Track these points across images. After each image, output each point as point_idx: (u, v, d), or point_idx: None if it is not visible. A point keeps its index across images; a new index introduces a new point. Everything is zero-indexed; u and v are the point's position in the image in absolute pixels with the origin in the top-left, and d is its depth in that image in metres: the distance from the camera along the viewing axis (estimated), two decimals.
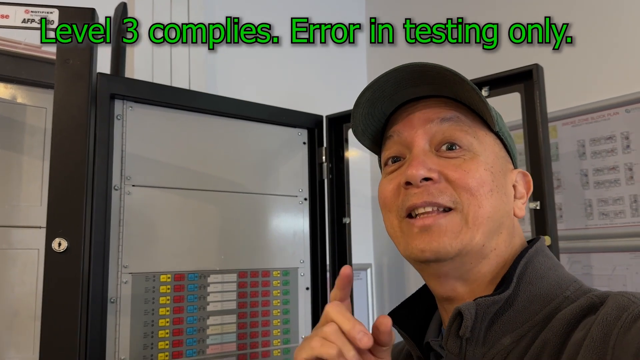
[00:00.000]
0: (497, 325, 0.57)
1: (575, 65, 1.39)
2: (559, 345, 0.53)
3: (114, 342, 1.02)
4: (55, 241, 0.69)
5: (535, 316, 0.56)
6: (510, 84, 1.09)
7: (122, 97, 1.09)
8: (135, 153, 1.09)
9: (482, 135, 0.63)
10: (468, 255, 0.59)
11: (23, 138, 0.98)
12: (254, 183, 1.25)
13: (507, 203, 0.62)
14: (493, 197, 0.60)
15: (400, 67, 0.61)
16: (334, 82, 1.97)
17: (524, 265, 0.59)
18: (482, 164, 0.61)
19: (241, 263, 1.20)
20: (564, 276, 0.61)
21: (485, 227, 0.59)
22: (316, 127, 1.36)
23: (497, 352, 0.56)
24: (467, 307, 0.55)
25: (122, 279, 1.04)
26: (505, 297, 0.56)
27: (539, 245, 0.62)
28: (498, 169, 0.62)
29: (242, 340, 1.18)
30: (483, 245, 0.60)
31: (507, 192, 0.63)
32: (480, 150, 0.62)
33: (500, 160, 0.63)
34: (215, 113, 1.21)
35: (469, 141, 0.61)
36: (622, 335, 0.47)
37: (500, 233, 0.61)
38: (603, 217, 1.30)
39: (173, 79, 1.44)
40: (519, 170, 0.67)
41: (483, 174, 0.60)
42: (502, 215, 0.61)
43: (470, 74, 1.22)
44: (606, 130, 1.30)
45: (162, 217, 1.11)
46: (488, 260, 0.61)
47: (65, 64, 0.73)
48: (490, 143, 0.63)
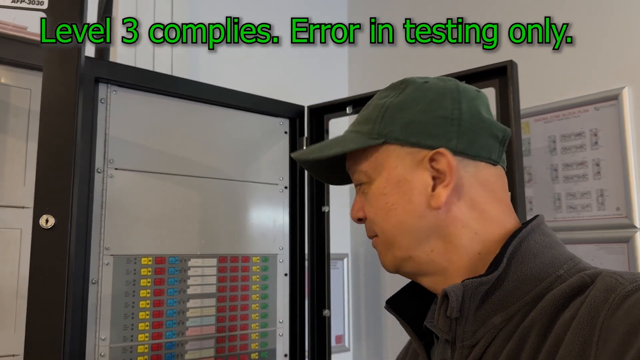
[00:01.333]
0: (487, 304, 0.58)
1: (548, 64, 1.44)
2: (547, 325, 0.53)
3: (94, 322, 1.03)
4: (42, 218, 0.70)
5: (526, 295, 0.57)
6: (486, 79, 1.13)
7: (107, 81, 1.10)
8: (118, 137, 1.10)
9: (373, 159, 0.65)
10: (405, 265, 0.65)
11: (7, 119, 0.98)
12: (236, 170, 1.27)
13: (415, 210, 0.63)
14: (392, 217, 0.64)
15: (297, 160, 0.74)
16: (316, 73, 2.00)
17: (516, 245, 0.58)
18: (376, 190, 0.65)
19: (221, 248, 1.22)
20: (560, 254, 0.59)
21: (400, 243, 0.64)
22: (297, 117, 1.39)
23: (487, 331, 0.57)
24: (453, 289, 0.57)
25: (103, 261, 1.06)
26: (493, 277, 0.57)
27: (535, 223, 0.61)
28: (394, 181, 0.64)
29: (221, 323, 1.20)
30: (410, 256, 0.64)
31: (414, 195, 0.62)
32: (375, 175, 0.66)
33: (397, 170, 0.64)
34: (198, 100, 1.23)
35: (363, 175, 0.67)
36: (609, 318, 0.48)
37: (427, 236, 0.63)
38: (571, 210, 1.35)
39: (155, 64, 1.45)
40: (434, 151, 0.62)
41: (377, 201, 0.65)
42: (415, 223, 0.63)
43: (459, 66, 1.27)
44: (576, 127, 1.36)
45: (144, 200, 1.12)
46: (435, 262, 0.63)
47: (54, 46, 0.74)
48: (383, 157, 0.65)
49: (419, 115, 0.63)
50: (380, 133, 0.64)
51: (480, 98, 0.66)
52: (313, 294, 1.36)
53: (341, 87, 2.09)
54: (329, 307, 1.35)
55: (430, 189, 0.62)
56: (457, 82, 0.67)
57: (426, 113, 0.63)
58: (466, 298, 0.57)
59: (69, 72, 0.75)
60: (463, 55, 1.68)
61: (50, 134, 0.72)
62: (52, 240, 0.70)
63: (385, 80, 1.32)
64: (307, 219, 1.38)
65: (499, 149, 0.64)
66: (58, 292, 0.70)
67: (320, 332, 1.35)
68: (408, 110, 0.64)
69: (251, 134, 1.31)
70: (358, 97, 1.32)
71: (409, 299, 0.71)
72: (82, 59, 0.78)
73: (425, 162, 0.62)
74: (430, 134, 0.62)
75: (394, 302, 0.71)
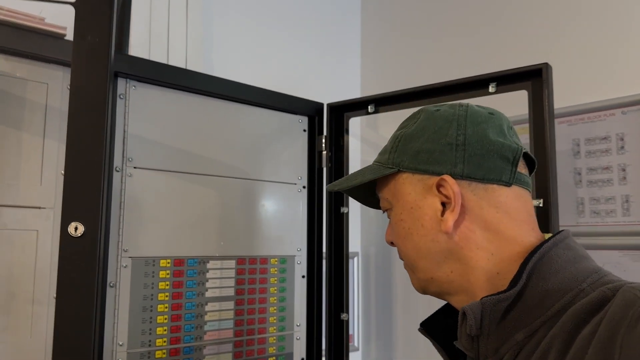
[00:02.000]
0: (508, 321, 0.58)
1: (574, 65, 1.41)
2: (567, 340, 0.52)
3: (112, 327, 1.00)
4: (71, 225, 0.66)
5: (548, 310, 0.56)
6: (518, 82, 1.10)
7: (126, 76, 1.05)
8: (137, 134, 1.06)
9: (392, 186, 0.70)
10: (429, 287, 0.68)
11: (23, 114, 0.94)
12: (254, 169, 1.23)
13: (427, 234, 0.66)
14: (409, 242, 0.68)
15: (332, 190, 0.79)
16: (328, 70, 1.95)
17: (536, 261, 0.58)
18: (395, 216, 0.69)
19: (240, 249, 1.19)
20: (585, 268, 0.58)
21: (420, 267, 0.67)
22: (317, 115, 1.35)
23: (510, 348, 0.57)
24: (471, 307, 0.58)
25: (121, 263, 1.02)
26: (513, 294, 0.57)
27: (558, 238, 0.61)
28: (408, 208, 0.67)
29: (239, 327, 1.17)
30: (432, 277, 0.67)
31: (426, 221, 0.65)
32: (394, 203, 0.70)
33: (411, 196, 0.67)
34: (216, 96, 1.18)
35: (387, 202, 0.71)
36: (629, 334, 0.47)
37: (444, 258, 0.65)
38: (594, 215, 1.33)
39: (170, 59, 1.40)
40: (439, 178, 0.64)
41: (396, 228, 0.69)
42: (429, 247, 0.65)
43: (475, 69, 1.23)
44: (601, 130, 1.33)
45: (163, 200, 1.08)
46: (455, 281, 0.65)
47: (83, 40, 0.70)
48: (399, 186, 0.69)
49: (426, 144, 0.66)
50: (394, 162, 0.68)
51: (490, 121, 0.66)
52: (331, 297, 1.32)
53: (354, 85, 2.05)
54: (347, 310, 1.32)
55: (439, 213, 0.64)
56: (468, 107, 0.68)
57: (433, 141, 0.66)
58: (485, 315, 0.58)
59: (99, 70, 0.70)
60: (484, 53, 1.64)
61: (79, 137, 0.68)
62: (82, 249, 0.66)
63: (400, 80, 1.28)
64: (325, 220, 1.35)
65: (511, 169, 0.64)
66: (87, 305, 0.67)
67: (337, 336, 1.32)
68: (418, 140, 0.67)
69: (269, 132, 1.27)
70: (381, 96, 1.28)
71: (443, 320, 0.73)
72: (112, 55, 0.73)
73: (434, 188, 0.65)
74: (437, 161, 0.65)
75: (428, 325, 0.72)
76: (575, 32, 1.42)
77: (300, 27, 1.88)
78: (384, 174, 0.69)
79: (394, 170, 0.68)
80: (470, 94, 1.17)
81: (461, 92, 1.19)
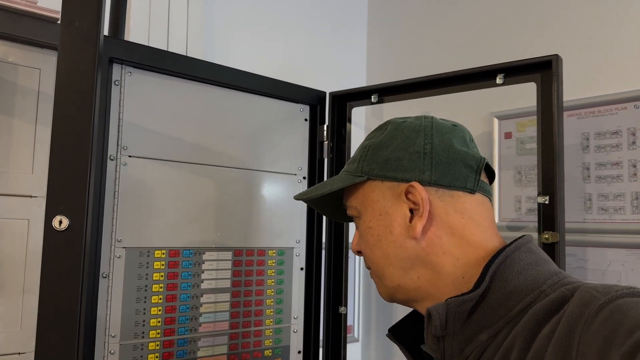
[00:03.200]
0: (473, 322, 0.60)
1: (584, 57, 1.36)
2: (528, 339, 0.54)
3: (104, 318, 0.98)
4: (55, 218, 0.64)
5: (510, 311, 0.58)
6: (527, 73, 1.06)
7: (121, 62, 1.02)
8: (132, 122, 1.03)
9: (360, 195, 0.71)
10: (397, 294, 0.69)
11: (14, 100, 0.92)
12: (253, 159, 1.21)
13: (395, 240, 0.67)
14: (377, 249, 0.68)
15: (297, 200, 0.80)
16: (333, 59, 1.91)
17: (499, 263, 0.61)
18: (364, 224, 0.70)
19: (237, 241, 1.17)
20: (546, 271, 0.61)
21: (388, 274, 0.68)
22: (319, 104, 1.32)
23: (474, 348, 0.59)
24: (436, 308, 0.60)
25: (115, 254, 1.00)
26: (476, 295, 0.59)
27: (520, 242, 0.63)
28: (377, 215, 0.69)
29: (234, 319, 1.15)
30: (399, 284, 0.68)
31: (394, 227, 0.67)
32: (362, 210, 0.71)
33: (379, 204, 0.69)
34: (216, 83, 1.15)
35: (355, 210, 0.72)
36: (586, 332, 0.48)
37: (412, 265, 0.66)
38: (602, 212, 1.29)
39: (170, 45, 1.37)
40: (409, 184, 0.66)
41: (365, 235, 0.70)
42: (397, 253, 0.67)
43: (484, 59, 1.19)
44: (612, 125, 1.29)
45: (159, 190, 1.06)
46: (422, 288, 0.66)
47: (71, 26, 0.67)
48: (367, 193, 0.70)
49: (395, 152, 0.68)
50: (363, 171, 0.70)
51: (454, 132, 0.69)
52: (329, 290, 1.30)
53: (359, 75, 2.01)
54: (345, 304, 1.30)
55: (408, 220, 0.66)
56: (433, 119, 0.71)
57: (402, 149, 0.68)
58: (450, 316, 0.60)
59: (87, 56, 0.68)
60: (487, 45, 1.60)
61: (65, 128, 0.65)
62: (66, 243, 0.64)
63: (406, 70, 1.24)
64: None
65: (475, 177, 0.67)
66: (71, 298, 0.65)
67: (335, 329, 1.30)
68: (387, 148, 0.69)
69: (269, 121, 1.24)
70: (384, 86, 1.25)
71: (411, 326, 0.74)
72: (101, 40, 0.70)
73: (402, 195, 0.66)
74: (405, 168, 0.67)
75: (396, 330, 0.74)
76: (587, 23, 1.38)
77: (305, 14, 1.84)
78: (354, 182, 0.70)
79: (363, 179, 0.69)
80: (477, 85, 1.13)
81: (468, 83, 1.15)
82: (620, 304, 0.48)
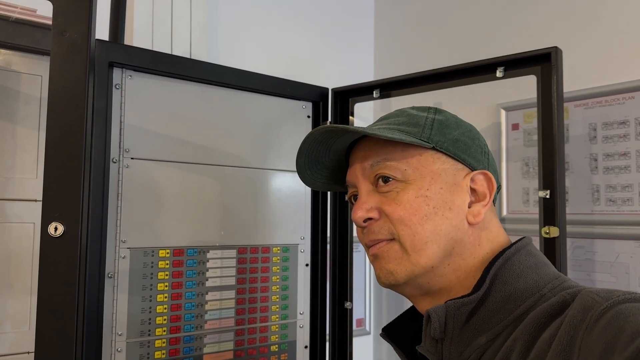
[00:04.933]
0: (472, 324, 0.59)
1: (591, 46, 1.34)
2: (528, 344, 0.54)
3: (111, 317, 1.01)
4: (51, 225, 0.66)
5: (510, 315, 0.58)
6: (527, 66, 1.05)
7: (121, 66, 1.04)
8: (134, 124, 1.05)
9: (416, 159, 0.65)
10: (420, 277, 0.63)
11: (17, 107, 0.94)
12: (256, 157, 1.22)
13: (453, 218, 0.63)
14: (429, 221, 0.63)
15: (311, 133, 0.67)
16: (340, 54, 1.91)
17: (500, 266, 0.61)
18: (414, 191, 0.64)
19: (241, 239, 1.18)
20: (546, 274, 0.61)
21: (428, 251, 0.62)
22: (321, 100, 1.32)
23: (473, 351, 0.59)
24: (435, 310, 0.60)
25: (120, 254, 1.02)
26: (476, 298, 0.59)
27: (520, 244, 0.63)
28: (438, 187, 0.64)
29: (240, 315, 1.17)
30: (433, 267, 0.63)
31: (455, 205, 0.64)
32: (414, 177, 0.64)
33: (442, 177, 0.65)
34: (217, 83, 1.16)
35: (399, 172, 0.65)
36: (587, 337, 0.48)
37: (453, 248, 0.63)
38: (610, 204, 1.27)
39: (174, 47, 1.38)
40: (478, 171, 0.66)
41: (415, 202, 0.63)
42: (448, 232, 0.63)
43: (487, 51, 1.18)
44: (620, 114, 1.26)
45: (162, 191, 1.08)
46: (445, 277, 0.64)
47: (62, 36, 0.69)
48: (427, 162, 0.65)
49: (464, 137, 0.68)
50: (430, 139, 0.65)
51: None
52: (335, 285, 1.31)
53: (367, 70, 2.00)
54: (350, 299, 1.31)
55: (467, 205, 0.65)
56: None
57: (469, 139, 0.68)
58: (449, 318, 0.59)
59: (78, 65, 0.69)
60: (495, 38, 1.58)
61: (58, 137, 0.67)
62: (61, 248, 0.66)
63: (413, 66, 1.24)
64: (329, 208, 1.33)
65: None
66: (68, 302, 0.67)
67: (341, 324, 1.32)
68: (455, 130, 0.68)
69: (272, 119, 1.25)
70: (386, 81, 1.25)
71: (405, 326, 0.73)
72: (92, 47, 0.72)
73: (467, 179, 0.65)
74: (473, 156, 0.67)
75: (390, 330, 0.72)
76: (593, 11, 1.35)
77: (312, 9, 1.83)
78: (421, 144, 0.64)
79: (429, 146, 0.65)
80: (478, 78, 1.13)
81: (469, 77, 1.14)
82: (622, 309, 0.48)
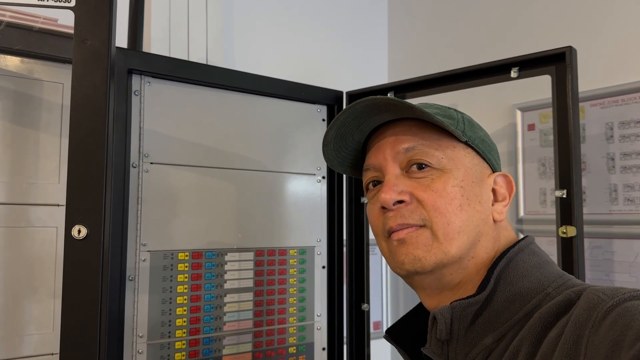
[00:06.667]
0: (477, 325, 0.59)
1: (607, 45, 1.33)
2: (535, 343, 0.54)
3: (132, 319, 1.02)
4: (74, 228, 0.68)
5: (515, 315, 0.58)
6: (541, 66, 1.05)
7: (140, 72, 1.06)
8: (153, 130, 1.07)
9: (450, 150, 0.65)
10: (446, 267, 0.63)
11: (40, 114, 0.96)
12: (272, 161, 1.23)
13: (482, 212, 0.64)
14: (463, 211, 0.63)
15: (355, 103, 0.65)
16: (355, 58, 1.92)
17: (504, 266, 0.61)
18: (451, 180, 0.63)
19: (258, 241, 1.20)
20: (550, 273, 0.61)
21: (459, 241, 0.62)
22: (336, 104, 1.33)
23: (479, 352, 0.59)
24: (441, 312, 0.59)
25: (140, 257, 1.04)
26: (481, 298, 0.59)
27: (523, 243, 0.64)
28: (470, 180, 0.65)
29: (258, 317, 1.18)
30: (460, 257, 0.63)
31: (483, 200, 0.65)
32: (450, 166, 0.64)
33: (473, 171, 0.66)
34: (233, 88, 1.18)
35: (436, 160, 0.64)
36: (593, 335, 0.48)
37: (478, 241, 0.64)
38: (628, 203, 1.26)
39: (190, 53, 1.41)
40: (499, 173, 0.69)
41: (451, 191, 0.63)
42: (478, 224, 0.63)
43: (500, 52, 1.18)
44: (636, 113, 1.26)
45: (180, 195, 1.10)
46: (466, 270, 0.64)
47: (83, 44, 0.71)
48: (460, 155, 0.66)
49: (488, 139, 0.70)
50: (465, 133, 0.66)
51: None
52: (352, 287, 1.32)
53: (381, 73, 2.01)
54: (367, 301, 1.31)
55: (491, 202, 0.66)
56: None
57: (491, 142, 0.70)
58: (455, 320, 0.59)
59: (99, 72, 0.71)
60: (508, 38, 1.57)
61: (80, 143, 0.69)
62: (85, 251, 0.68)
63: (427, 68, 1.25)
64: (345, 210, 1.34)
65: None
66: (91, 303, 0.68)
67: (358, 326, 1.32)
68: (479, 130, 0.69)
69: (287, 122, 1.26)
70: (401, 83, 1.25)
71: (409, 327, 0.73)
72: (112, 56, 0.74)
73: (491, 178, 0.67)
74: (495, 158, 0.70)
75: (394, 332, 0.73)
76: (607, 9, 1.34)
77: (326, 15, 1.85)
78: (458, 136, 0.64)
79: (464, 139, 0.65)
80: (493, 79, 1.13)
81: (483, 77, 1.14)
82: (628, 306, 0.48)
